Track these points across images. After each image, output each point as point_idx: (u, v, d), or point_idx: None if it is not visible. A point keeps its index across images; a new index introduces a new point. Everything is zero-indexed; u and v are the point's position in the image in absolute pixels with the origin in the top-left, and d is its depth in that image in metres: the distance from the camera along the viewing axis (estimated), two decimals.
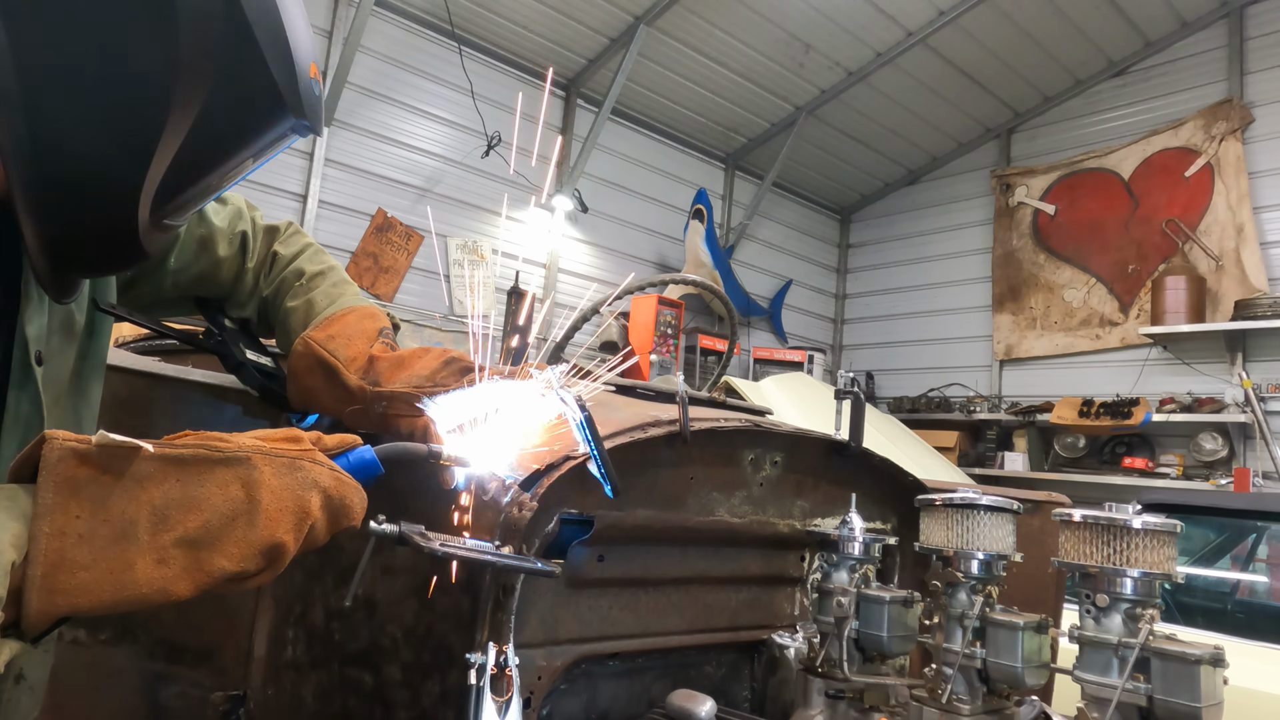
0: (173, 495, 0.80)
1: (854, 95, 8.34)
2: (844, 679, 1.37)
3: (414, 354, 1.28)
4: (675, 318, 7.66)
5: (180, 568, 0.80)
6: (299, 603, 1.32)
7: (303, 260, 1.41)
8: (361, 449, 0.99)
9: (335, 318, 1.32)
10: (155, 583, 0.79)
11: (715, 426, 1.41)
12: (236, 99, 0.93)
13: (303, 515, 0.86)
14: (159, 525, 0.79)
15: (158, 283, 1.32)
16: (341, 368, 1.27)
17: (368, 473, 0.98)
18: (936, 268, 9.39)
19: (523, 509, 1.12)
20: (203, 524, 0.81)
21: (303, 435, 0.93)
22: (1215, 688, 1.11)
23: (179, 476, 0.81)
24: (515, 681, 1.03)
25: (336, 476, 0.91)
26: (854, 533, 1.44)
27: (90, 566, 0.76)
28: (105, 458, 0.79)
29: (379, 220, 6.69)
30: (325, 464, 0.91)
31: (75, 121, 0.87)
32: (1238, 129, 7.38)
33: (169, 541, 0.79)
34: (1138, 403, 7.29)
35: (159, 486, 0.80)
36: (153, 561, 0.79)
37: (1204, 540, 4.25)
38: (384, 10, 6.67)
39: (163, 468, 0.81)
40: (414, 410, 1.20)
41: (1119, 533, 1.17)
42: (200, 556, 0.81)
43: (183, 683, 1.40)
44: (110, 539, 0.77)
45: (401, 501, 1.24)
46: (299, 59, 0.95)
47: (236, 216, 1.38)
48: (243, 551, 0.82)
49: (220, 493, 0.82)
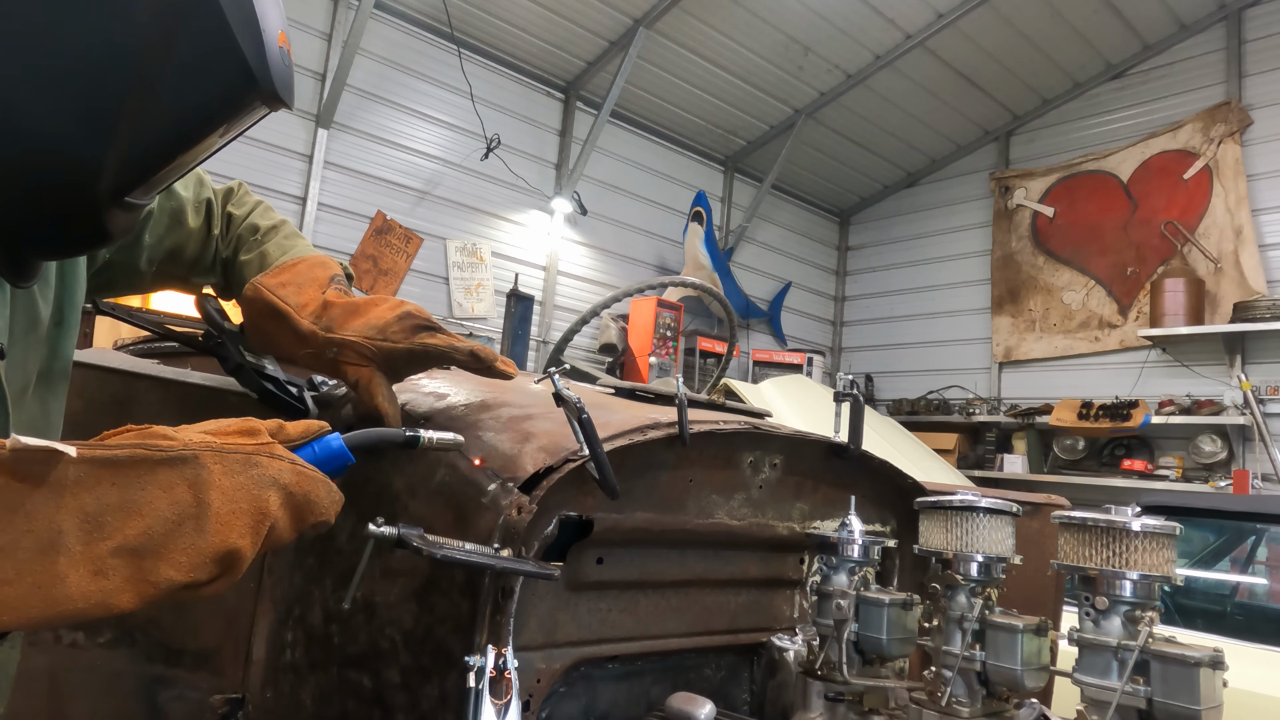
0: (108, 500, 0.74)
1: (853, 98, 8.35)
2: (843, 682, 1.36)
3: (368, 302, 1.26)
4: (674, 320, 7.67)
5: (121, 579, 0.74)
6: (298, 605, 1.32)
7: (255, 216, 1.38)
8: (328, 438, 0.93)
9: (287, 265, 1.30)
10: (92, 596, 0.73)
11: (714, 429, 1.41)
12: (200, 70, 0.86)
13: (259, 516, 0.81)
14: (93, 534, 0.73)
15: (133, 260, 1.27)
16: (292, 312, 1.24)
17: (336, 463, 0.93)
18: (935, 270, 9.40)
19: (521, 511, 1.12)
20: (144, 531, 0.75)
21: (260, 426, 0.87)
22: (1215, 690, 1.10)
23: (114, 480, 0.75)
24: (514, 684, 1.03)
25: (299, 471, 0.85)
26: (853, 535, 1.44)
27: (13, 581, 0.71)
28: (22, 463, 0.72)
29: (378, 223, 6.70)
30: (285, 457, 0.85)
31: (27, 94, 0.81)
32: (1236, 131, 7.39)
33: (105, 551, 0.74)
34: (1137, 405, 7.30)
35: (90, 492, 0.74)
36: (88, 573, 0.73)
37: (1203, 542, 4.25)
38: (383, 13, 6.67)
39: (94, 471, 0.75)
40: (362, 359, 1.20)
41: (1118, 535, 1.17)
42: (144, 566, 0.75)
43: (181, 685, 1.40)
44: (35, 550, 0.72)
45: (401, 503, 1.24)
46: (266, 26, 0.89)
47: (199, 184, 1.34)
48: (191, 560, 0.77)
49: (164, 496, 0.76)
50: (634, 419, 1.33)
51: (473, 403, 1.38)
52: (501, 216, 7.43)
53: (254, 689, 1.33)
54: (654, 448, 1.33)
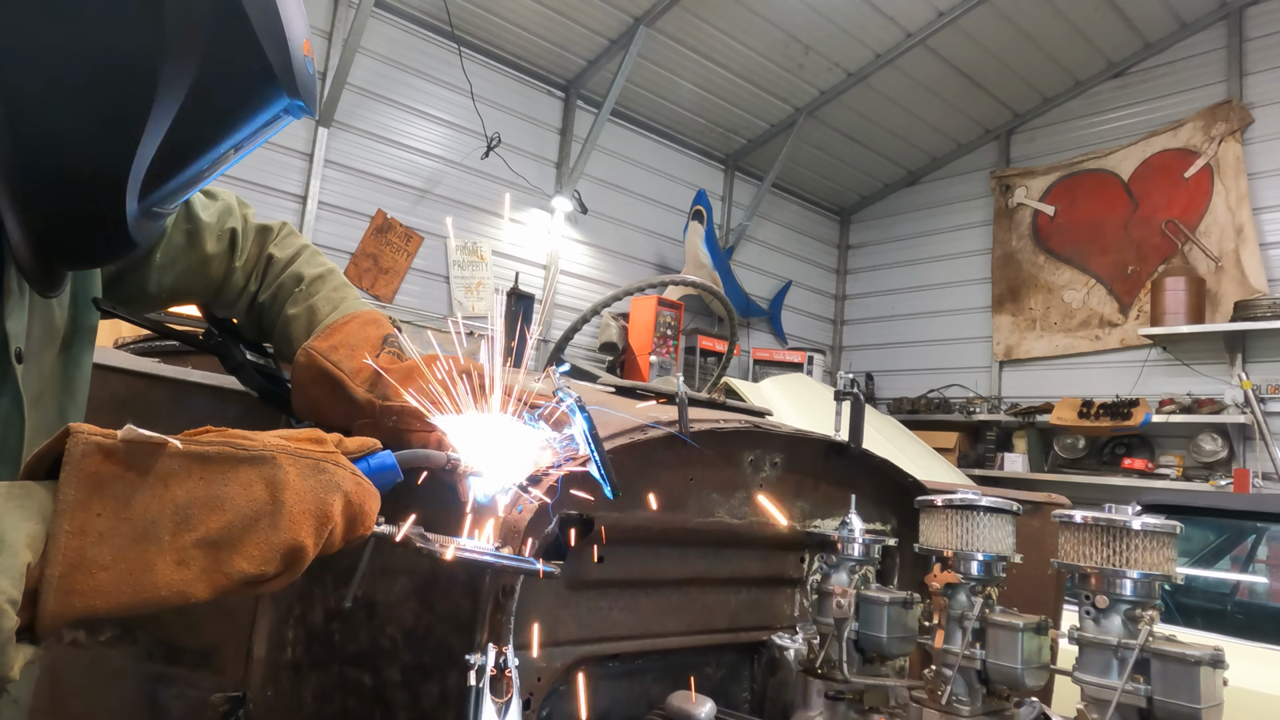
0: (196, 494, 0.77)
1: (853, 96, 8.34)
2: (843, 680, 1.37)
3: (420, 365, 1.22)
4: (675, 319, 7.67)
5: (200, 569, 0.77)
6: (299, 604, 1.32)
7: (300, 264, 1.35)
8: (382, 454, 0.96)
9: (337, 326, 1.26)
10: (174, 585, 0.76)
11: (715, 428, 1.41)
12: (227, 78, 0.88)
13: (324, 518, 0.83)
14: (181, 525, 0.76)
15: (141, 279, 1.26)
16: (347, 380, 1.20)
17: (387, 479, 0.96)
18: (936, 269, 9.39)
19: (522, 510, 1.12)
20: (225, 524, 0.78)
21: (326, 437, 0.90)
22: (1215, 689, 1.11)
23: (203, 474, 0.78)
24: (515, 683, 1.03)
25: (358, 481, 0.88)
26: (853, 534, 1.44)
27: (110, 567, 0.73)
28: (131, 453, 0.75)
29: (379, 221, 6.70)
30: (348, 467, 0.88)
31: (59, 104, 0.83)
32: (1237, 130, 7.38)
33: (190, 542, 0.76)
34: (1137, 404, 7.29)
35: (183, 485, 0.77)
36: (173, 563, 0.76)
37: (1203, 541, 4.24)
38: (383, 11, 6.67)
39: (187, 465, 0.78)
40: (427, 425, 1.16)
41: (1119, 534, 1.17)
42: (220, 558, 0.78)
43: (182, 684, 1.40)
44: (131, 538, 0.74)
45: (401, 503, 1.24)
46: (292, 35, 0.90)
47: (226, 213, 1.32)
48: (263, 553, 0.79)
49: (244, 492, 0.79)
50: (635, 418, 1.33)
51: None
52: (502, 215, 7.43)
53: (255, 687, 1.33)
54: (655, 446, 1.33)
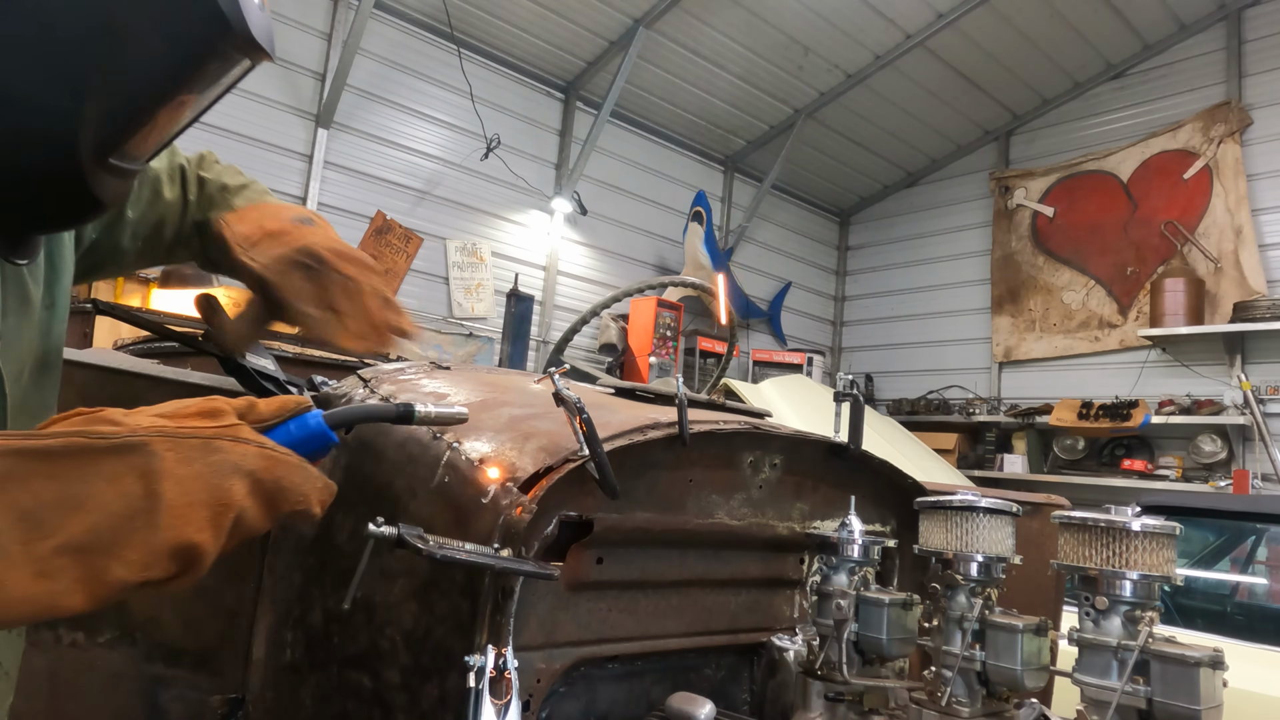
0: (45, 496, 0.69)
1: (853, 98, 8.35)
2: (843, 681, 1.36)
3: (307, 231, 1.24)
4: (674, 320, 7.67)
5: (71, 579, 0.68)
6: (297, 605, 1.32)
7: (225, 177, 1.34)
8: (305, 416, 0.84)
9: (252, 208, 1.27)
10: (38, 599, 0.67)
11: (715, 429, 1.41)
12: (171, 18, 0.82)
13: (221, 507, 0.74)
14: (32, 533, 0.67)
15: (117, 237, 1.22)
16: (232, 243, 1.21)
17: (317, 444, 0.84)
18: (935, 270, 9.40)
19: (521, 511, 1.12)
20: (90, 527, 0.69)
21: (224, 406, 0.80)
22: (1215, 690, 1.10)
23: (50, 473, 0.69)
24: (514, 684, 1.03)
25: (267, 455, 0.78)
26: (853, 535, 1.44)
27: None
28: None
29: (378, 223, 6.70)
30: (251, 440, 0.78)
31: None
32: (1236, 131, 7.39)
33: (49, 550, 0.68)
34: (1137, 405, 7.30)
35: (23, 487, 0.68)
36: (30, 575, 0.67)
37: (1203, 542, 4.25)
38: (383, 13, 6.67)
39: (26, 464, 0.69)
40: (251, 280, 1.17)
41: (1118, 535, 1.17)
42: (94, 565, 0.69)
43: (181, 686, 1.40)
44: None
45: (401, 503, 1.24)
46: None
47: (171, 153, 1.29)
48: (144, 556, 0.70)
49: (111, 488, 0.70)
50: (634, 419, 1.33)
51: (473, 402, 1.38)
52: (501, 216, 7.43)
53: (254, 689, 1.33)
54: (654, 448, 1.32)
